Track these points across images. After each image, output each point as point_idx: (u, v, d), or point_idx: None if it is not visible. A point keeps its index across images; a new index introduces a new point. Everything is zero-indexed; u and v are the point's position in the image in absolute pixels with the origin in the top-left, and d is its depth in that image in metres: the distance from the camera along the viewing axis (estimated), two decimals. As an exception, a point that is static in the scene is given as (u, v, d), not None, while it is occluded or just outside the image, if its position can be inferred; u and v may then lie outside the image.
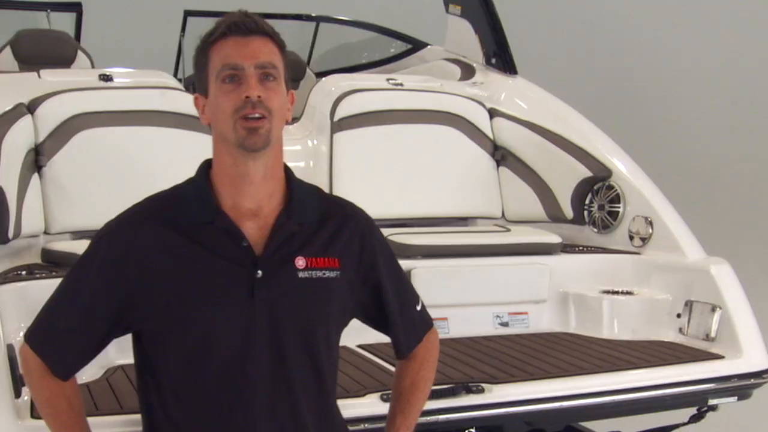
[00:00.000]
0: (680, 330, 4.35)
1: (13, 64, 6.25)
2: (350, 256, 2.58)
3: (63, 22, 7.86)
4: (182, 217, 2.46)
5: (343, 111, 5.26)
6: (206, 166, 2.55)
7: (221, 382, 2.42)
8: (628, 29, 10.11)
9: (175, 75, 7.82)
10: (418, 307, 2.87)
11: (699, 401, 4.02)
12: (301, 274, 2.48)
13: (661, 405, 3.96)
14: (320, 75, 6.70)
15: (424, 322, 2.89)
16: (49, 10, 7.77)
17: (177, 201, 2.50)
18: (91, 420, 2.61)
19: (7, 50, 6.35)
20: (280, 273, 2.45)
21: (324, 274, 2.52)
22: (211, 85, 2.44)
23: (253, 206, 2.47)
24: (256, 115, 2.37)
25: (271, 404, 2.45)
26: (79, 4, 7.87)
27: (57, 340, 2.48)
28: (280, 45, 2.48)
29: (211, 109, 2.46)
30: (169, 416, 2.46)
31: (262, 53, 2.41)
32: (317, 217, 2.56)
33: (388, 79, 5.72)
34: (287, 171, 2.57)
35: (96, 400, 3.22)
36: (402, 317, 2.78)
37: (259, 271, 2.43)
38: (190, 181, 2.56)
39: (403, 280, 2.83)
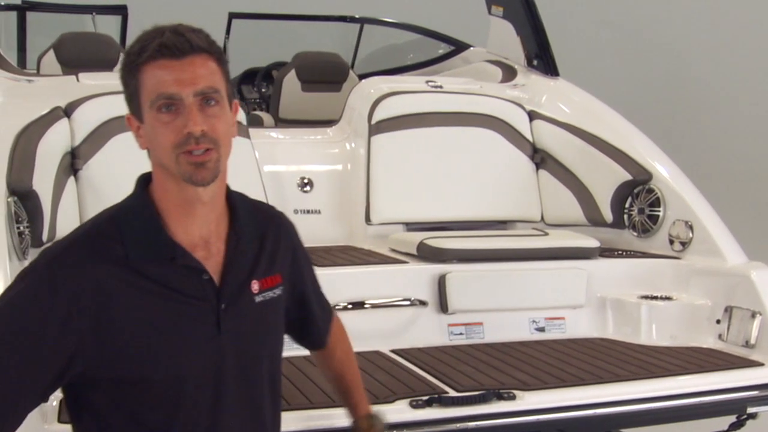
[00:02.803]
0: (720, 336, 4.27)
1: (56, 67, 6.31)
2: (286, 269, 2.48)
3: (109, 25, 7.92)
4: (132, 253, 2.19)
5: (380, 114, 5.25)
6: (144, 184, 2.31)
7: (191, 421, 2.25)
8: (675, 30, 9.98)
9: (221, 78, 7.84)
10: (324, 298, 2.78)
11: (738, 409, 3.93)
12: (257, 299, 2.35)
13: (699, 413, 3.89)
14: (363, 77, 6.69)
15: (330, 310, 2.80)
16: (94, 13, 7.83)
17: (123, 234, 2.21)
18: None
19: (51, 54, 6.41)
20: (240, 301, 2.32)
21: (274, 293, 2.41)
22: (146, 112, 2.19)
23: (204, 233, 2.28)
24: (201, 151, 2.15)
25: None
26: (125, 7, 7.92)
27: None
28: (218, 58, 2.23)
29: (148, 137, 2.23)
30: None
31: (200, 78, 2.16)
32: (258, 232, 2.41)
33: (427, 82, 5.71)
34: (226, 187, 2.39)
35: None
36: (320, 311, 2.71)
37: (223, 304, 2.27)
38: (128, 209, 2.29)
39: (315, 276, 2.72)
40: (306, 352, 2.81)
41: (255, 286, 2.35)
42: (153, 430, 2.23)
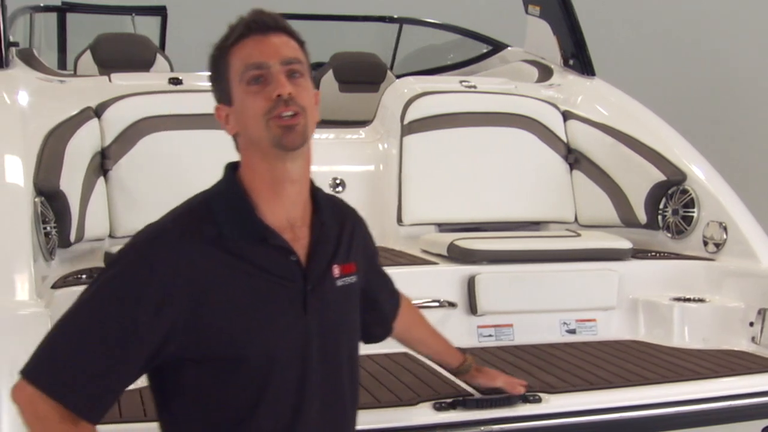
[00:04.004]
0: (753, 339, 4.20)
1: (93, 68, 6.35)
2: (360, 260, 2.59)
3: (148, 26, 7.97)
4: (226, 234, 2.27)
5: (413, 114, 5.22)
6: (233, 170, 2.40)
7: (280, 401, 2.31)
8: (709, 29, 9.89)
9: (258, 77, 7.86)
10: (392, 287, 2.99)
11: (770, 414, 3.88)
12: (338, 283, 2.45)
13: (730, 417, 3.80)
14: (401, 77, 6.68)
15: (397, 299, 3.01)
16: (134, 14, 7.89)
17: (216, 215, 2.30)
18: (112, 428, 2.56)
19: (87, 54, 6.46)
20: (324, 283, 2.41)
21: (352, 279, 2.50)
22: (235, 89, 2.31)
23: (291, 217, 2.36)
24: (290, 113, 2.25)
25: (322, 417, 2.40)
26: (164, 8, 7.97)
27: (86, 381, 2.17)
28: (301, 43, 2.36)
29: (237, 115, 2.33)
30: None
31: (285, 48, 2.29)
32: (337, 221, 2.53)
33: (461, 82, 5.68)
34: None
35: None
36: (386, 302, 2.92)
37: (309, 285, 2.36)
38: (220, 192, 2.37)
39: (382, 268, 2.93)
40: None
41: (336, 270, 2.44)
42: (240, 409, 2.28)
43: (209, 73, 2.41)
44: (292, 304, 2.33)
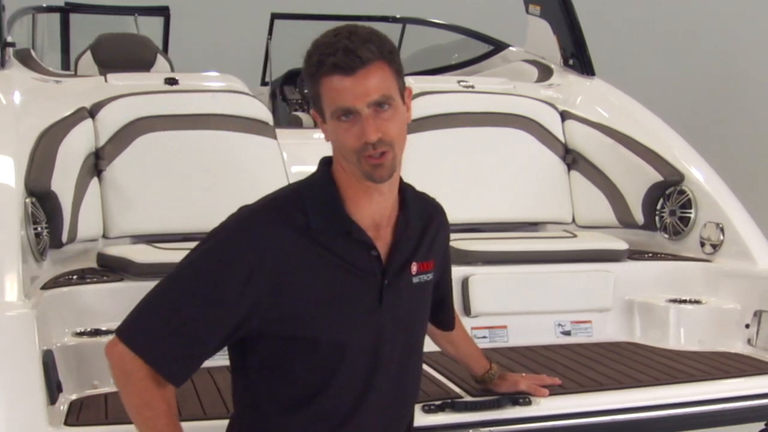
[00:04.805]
0: (748, 341, 4.16)
1: (93, 68, 6.36)
2: (439, 257, 2.75)
3: (151, 26, 7.98)
4: (314, 224, 2.43)
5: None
6: (327, 165, 2.54)
7: (347, 386, 2.48)
8: (710, 29, 9.85)
9: (263, 79, 7.88)
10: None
11: (764, 417, 3.83)
12: (414, 280, 2.59)
13: (723, 420, 3.76)
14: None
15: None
16: (136, 15, 7.90)
17: (306, 205, 2.46)
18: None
19: (88, 55, 6.47)
20: (401, 280, 2.55)
21: (428, 277, 2.65)
22: (328, 118, 2.42)
23: (377, 217, 2.52)
24: (378, 154, 2.37)
25: (384, 407, 2.56)
26: (167, 8, 7.97)
27: (173, 342, 2.37)
28: (389, 58, 2.41)
29: (330, 136, 2.45)
30: (284, 418, 2.47)
31: (373, 89, 2.36)
32: (422, 221, 2.66)
33: (458, 81, 5.65)
34: None
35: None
36: (449, 295, 3.05)
37: (387, 280, 2.50)
38: (313, 184, 2.53)
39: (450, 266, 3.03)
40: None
41: (414, 267, 2.59)
42: (309, 388, 2.45)
43: (305, 81, 2.48)
44: (368, 296, 2.49)
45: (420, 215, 2.64)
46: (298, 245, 2.39)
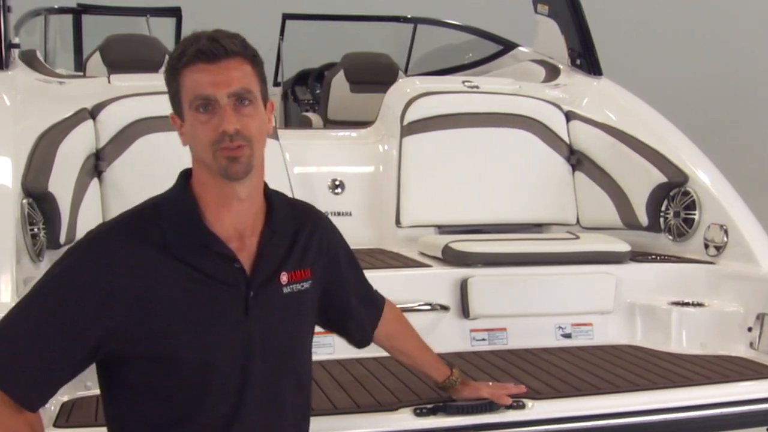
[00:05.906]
0: (751, 344, 4.10)
1: (102, 69, 6.36)
2: (319, 265, 2.62)
3: (164, 27, 7.98)
4: (171, 239, 2.35)
5: (413, 114, 5.18)
6: (186, 178, 2.47)
7: (218, 405, 2.38)
8: (720, 28, 9.78)
9: (275, 80, 7.86)
10: (373, 296, 3.01)
11: (767, 421, 3.77)
12: (285, 290, 2.50)
13: (724, 425, 3.69)
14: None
15: (380, 307, 3.02)
16: (148, 16, 7.90)
17: (163, 221, 2.38)
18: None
19: (97, 56, 6.48)
20: (269, 291, 2.46)
21: (302, 286, 2.54)
22: (185, 111, 2.37)
23: (240, 227, 2.44)
24: (235, 147, 2.33)
25: (263, 421, 2.45)
26: (179, 9, 7.98)
27: (26, 368, 2.27)
28: (252, 60, 2.39)
29: (188, 135, 2.40)
30: None
31: (234, 80, 2.33)
32: (292, 228, 2.56)
33: (463, 82, 5.62)
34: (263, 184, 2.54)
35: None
36: (365, 310, 2.93)
37: (252, 292, 2.41)
38: (171, 197, 2.46)
39: (362, 277, 2.95)
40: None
41: (284, 277, 2.49)
42: (180, 410, 2.36)
43: (165, 82, 2.46)
44: (233, 310, 2.39)
45: (289, 223, 2.56)
46: (154, 262, 2.32)
